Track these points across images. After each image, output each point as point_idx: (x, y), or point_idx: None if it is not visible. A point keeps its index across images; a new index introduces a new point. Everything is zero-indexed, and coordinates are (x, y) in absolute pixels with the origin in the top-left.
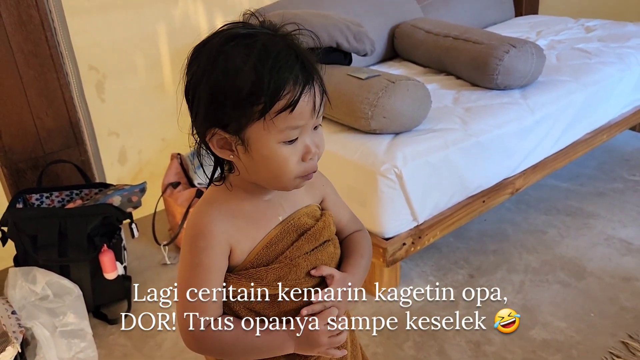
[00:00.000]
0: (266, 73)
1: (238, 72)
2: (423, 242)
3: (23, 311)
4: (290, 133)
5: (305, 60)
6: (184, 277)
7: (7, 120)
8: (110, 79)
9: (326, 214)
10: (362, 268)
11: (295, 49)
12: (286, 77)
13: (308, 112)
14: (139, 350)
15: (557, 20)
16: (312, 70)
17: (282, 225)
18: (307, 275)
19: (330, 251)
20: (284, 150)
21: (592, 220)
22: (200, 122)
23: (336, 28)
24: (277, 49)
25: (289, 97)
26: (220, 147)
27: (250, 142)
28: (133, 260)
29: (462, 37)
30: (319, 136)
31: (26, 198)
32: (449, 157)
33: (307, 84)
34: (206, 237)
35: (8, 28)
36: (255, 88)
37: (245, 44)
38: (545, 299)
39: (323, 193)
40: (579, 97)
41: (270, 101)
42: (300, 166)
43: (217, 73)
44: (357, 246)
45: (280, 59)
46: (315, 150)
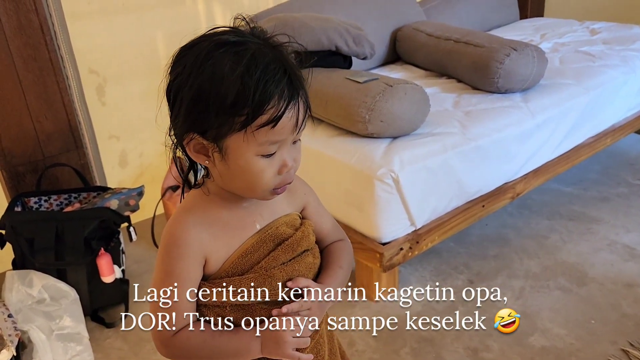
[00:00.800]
0: (252, 84)
1: (224, 80)
2: (421, 247)
3: (19, 314)
4: (269, 147)
5: (293, 75)
6: (157, 284)
7: (7, 123)
8: (111, 83)
9: (306, 223)
10: (340, 279)
11: (284, 62)
12: (272, 92)
13: (290, 128)
14: (136, 354)
15: (562, 22)
16: (299, 85)
17: (260, 234)
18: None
19: (308, 261)
20: (261, 163)
21: (595, 225)
22: (179, 124)
23: (335, 31)
24: (266, 61)
25: (273, 112)
26: (196, 152)
27: (228, 152)
28: (132, 263)
29: (463, 40)
30: (296, 150)
31: (25, 201)
32: (447, 161)
33: (292, 99)
34: (180, 247)
35: (7, 32)
36: (240, 98)
37: (235, 52)
38: (546, 305)
39: (304, 201)
40: (582, 101)
41: (253, 114)
42: (275, 179)
43: (203, 78)
44: (336, 256)
45: (269, 72)
46: (292, 164)
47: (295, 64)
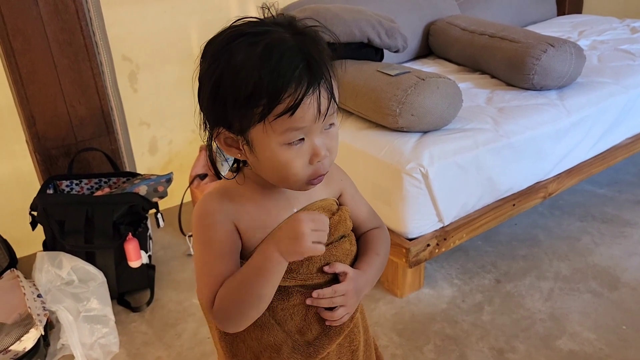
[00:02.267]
0: (266, 74)
1: (239, 72)
2: (448, 244)
3: (48, 295)
4: (291, 135)
5: (313, 60)
6: (199, 256)
7: (42, 107)
8: (143, 70)
9: (342, 209)
10: (377, 266)
11: (303, 48)
12: (287, 80)
13: (311, 116)
14: (160, 339)
15: (601, 20)
16: (319, 71)
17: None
18: (319, 271)
19: (345, 248)
20: (287, 152)
21: (629, 228)
22: (206, 118)
23: (368, 23)
24: (282, 49)
25: (289, 100)
26: (227, 146)
27: (254, 144)
28: (159, 249)
29: (499, 35)
30: (330, 138)
31: (57, 184)
32: (478, 158)
33: (310, 86)
34: (210, 215)
35: (44, 17)
36: (255, 89)
37: (251, 42)
38: (575, 309)
39: (341, 188)
40: (620, 100)
41: (269, 105)
42: (307, 169)
43: (219, 72)
44: (373, 244)
45: (284, 60)
46: (325, 153)
47: (323, 48)
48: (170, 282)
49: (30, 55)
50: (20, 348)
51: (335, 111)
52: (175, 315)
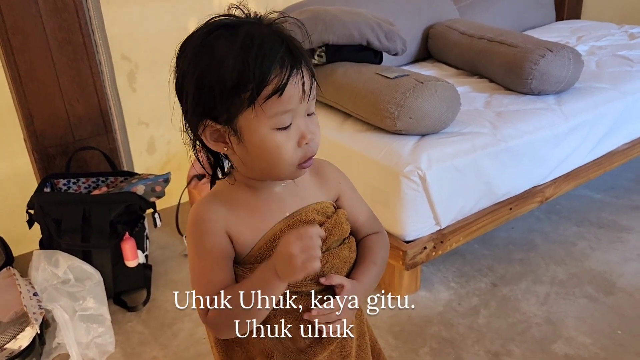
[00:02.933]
0: (251, 60)
1: (223, 62)
2: (445, 247)
3: (44, 293)
4: (281, 118)
5: (291, 44)
6: (193, 263)
7: (40, 105)
8: (142, 69)
9: (338, 212)
10: (373, 275)
11: (280, 35)
12: (272, 62)
13: (297, 95)
14: (156, 339)
15: (600, 25)
16: (299, 54)
17: (288, 220)
18: (313, 278)
19: (344, 255)
20: (277, 136)
21: (625, 234)
22: (191, 116)
23: (367, 26)
24: (261, 36)
25: (276, 81)
26: (214, 141)
27: (243, 131)
28: (155, 249)
29: (497, 39)
30: (313, 122)
31: (54, 183)
32: (476, 161)
33: (294, 67)
34: (204, 223)
35: (43, 15)
36: (242, 76)
37: (229, 34)
38: (571, 313)
39: (339, 190)
40: (618, 106)
41: (257, 87)
42: (296, 152)
43: (202, 65)
44: (371, 251)
45: (265, 45)
46: (311, 135)
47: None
48: (167, 282)
49: (29, 54)
50: (16, 346)
51: (315, 97)
52: (172, 315)
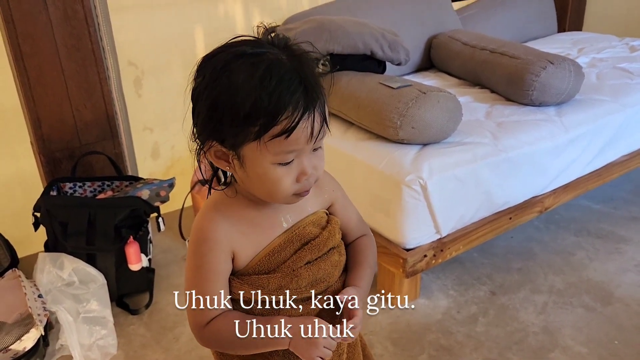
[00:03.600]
0: (265, 96)
1: (238, 91)
2: (445, 255)
3: (49, 295)
4: (284, 157)
5: (309, 85)
6: (190, 279)
7: (48, 110)
8: (148, 76)
9: (332, 222)
10: (369, 278)
11: (300, 72)
12: (285, 103)
13: (304, 138)
14: (157, 342)
15: (601, 37)
16: (315, 96)
17: (287, 234)
18: (309, 284)
19: (334, 260)
20: (278, 171)
21: (623, 245)
22: (199, 132)
23: (371, 36)
24: (281, 72)
25: (286, 123)
26: (217, 158)
27: (245, 160)
28: (158, 253)
29: (499, 50)
30: (317, 158)
31: (60, 186)
32: (476, 171)
33: (307, 110)
34: (209, 242)
35: (53, 22)
36: (253, 109)
37: (251, 63)
38: (568, 322)
39: (332, 198)
40: (618, 118)
41: (266, 125)
42: (294, 186)
43: (218, 89)
44: (364, 255)
45: (283, 83)
46: (312, 171)
47: (316, 72)
48: (169, 285)
49: (38, 59)
50: (20, 347)
51: (325, 134)
52: (174, 319)
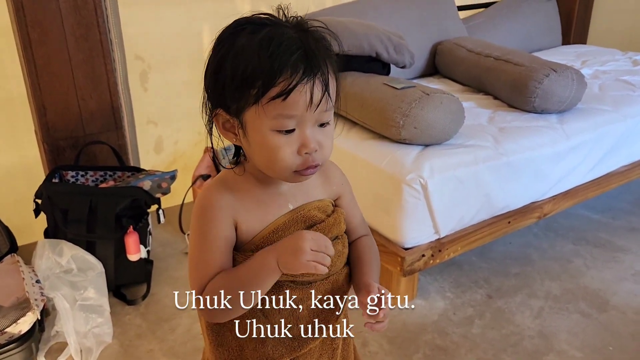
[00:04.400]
0: (264, 59)
1: (238, 55)
2: (443, 255)
3: (47, 281)
4: (283, 122)
5: (311, 52)
6: (194, 247)
7: (54, 98)
8: (154, 70)
9: (338, 211)
10: (378, 275)
11: (304, 41)
12: (284, 65)
13: (303, 103)
14: (153, 333)
15: (605, 51)
16: (316, 63)
17: (291, 214)
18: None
19: (338, 249)
20: (276, 139)
21: (621, 254)
22: (207, 100)
23: (377, 38)
24: (282, 39)
25: (284, 84)
26: (225, 130)
27: (247, 127)
28: (157, 246)
29: (504, 58)
30: (324, 134)
31: (62, 174)
32: (477, 173)
33: (306, 75)
34: (213, 209)
35: (63, 11)
36: (252, 72)
37: (253, 30)
38: (564, 327)
39: (340, 191)
40: (618, 128)
41: (264, 87)
42: (295, 159)
43: (221, 53)
44: (372, 252)
45: (282, 47)
46: (314, 146)
47: (324, 47)
48: (167, 278)
49: (46, 47)
50: (16, 331)
51: (330, 109)
52: (170, 311)
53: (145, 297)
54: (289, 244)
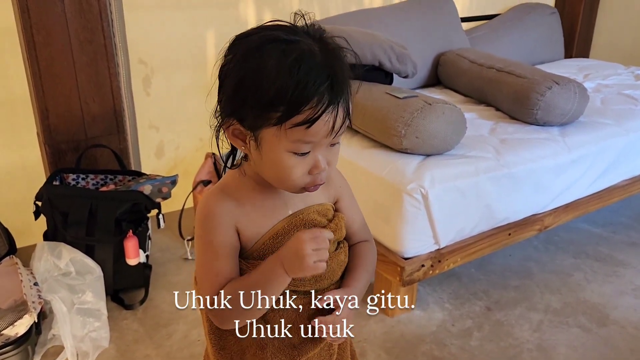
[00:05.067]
0: (292, 84)
1: (266, 75)
2: (442, 266)
3: (45, 284)
4: (301, 146)
5: (337, 80)
6: (200, 256)
7: (56, 101)
8: (158, 75)
9: (339, 216)
10: (364, 283)
11: (329, 66)
12: (311, 93)
13: (325, 131)
14: (150, 338)
15: (607, 65)
16: (341, 91)
17: (290, 218)
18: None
19: (341, 259)
20: (292, 160)
21: (621, 268)
22: (222, 108)
23: (380, 47)
24: (311, 63)
25: (309, 113)
26: (234, 136)
27: (262, 143)
28: (156, 251)
29: (506, 69)
30: (333, 153)
31: (63, 177)
32: (478, 184)
33: (331, 104)
34: (215, 217)
35: (68, 14)
36: (278, 95)
37: (283, 49)
38: (563, 341)
39: (339, 194)
40: (620, 142)
41: (288, 113)
42: (305, 178)
43: (247, 69)
44: (364, 259)
45: (311, 74)
46: (325, 166)
47: (346, 67)
48: (165, 283)
49: (50, 50)
50: (13, 333)
51: (345, 130)
52: (168, 316)
53: (143, 302)
54: (290, 250)
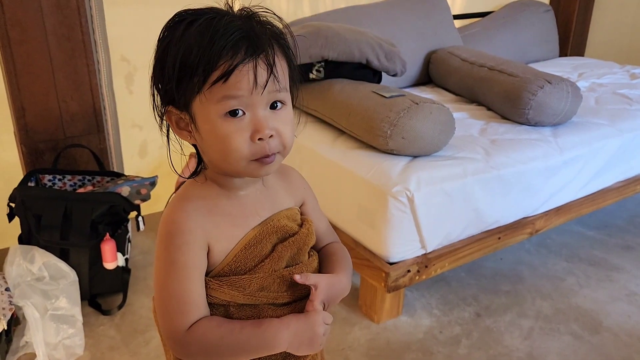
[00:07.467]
0: (205, 44)
1: (178, 44)
2: (429, 272)
3: (17, 289)
4: (227, 103)
5: (254, 34)
6: (161, 277)
7: (33, 99)
8: (141, 72)
9: (307, 221)
10: (349, 277)
11: (245, 25)
12: (222, 47)
13: (246, 84)
14: (126, 345)
15: (602, 64)
16: (260, 44)
17: (261, 226)
18: (290, 288)
19: (315, 267)
20: (226, 125)
21: (615, 273)
22: (157, 101)
23: (368, 45)
24: (222, 23)
25: (224, 67)
26: (179, 128)
27: (196, 118)
28: (138, 254)
29: (498, 68)
30: (278, 119)
31: (39, 178)
32: (466, 187)
33: (247, 55)
34: (183, 234)
35: (44, 9)
36: (193, 59)
37: (191, 20)
38: (554, 349)
39: (303, 197)
40: (614, 143)
41: (204, 72)
42: (250, 146)
43: (162, 47)
44: (338, 256)
45: (220, 31)
46: (269, 131)
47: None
48: (144, 287)
49: (26, 47)
50: None
51: (283, 90)
52: (146, 322)
53: (121, 307)
54: (304, 334)
